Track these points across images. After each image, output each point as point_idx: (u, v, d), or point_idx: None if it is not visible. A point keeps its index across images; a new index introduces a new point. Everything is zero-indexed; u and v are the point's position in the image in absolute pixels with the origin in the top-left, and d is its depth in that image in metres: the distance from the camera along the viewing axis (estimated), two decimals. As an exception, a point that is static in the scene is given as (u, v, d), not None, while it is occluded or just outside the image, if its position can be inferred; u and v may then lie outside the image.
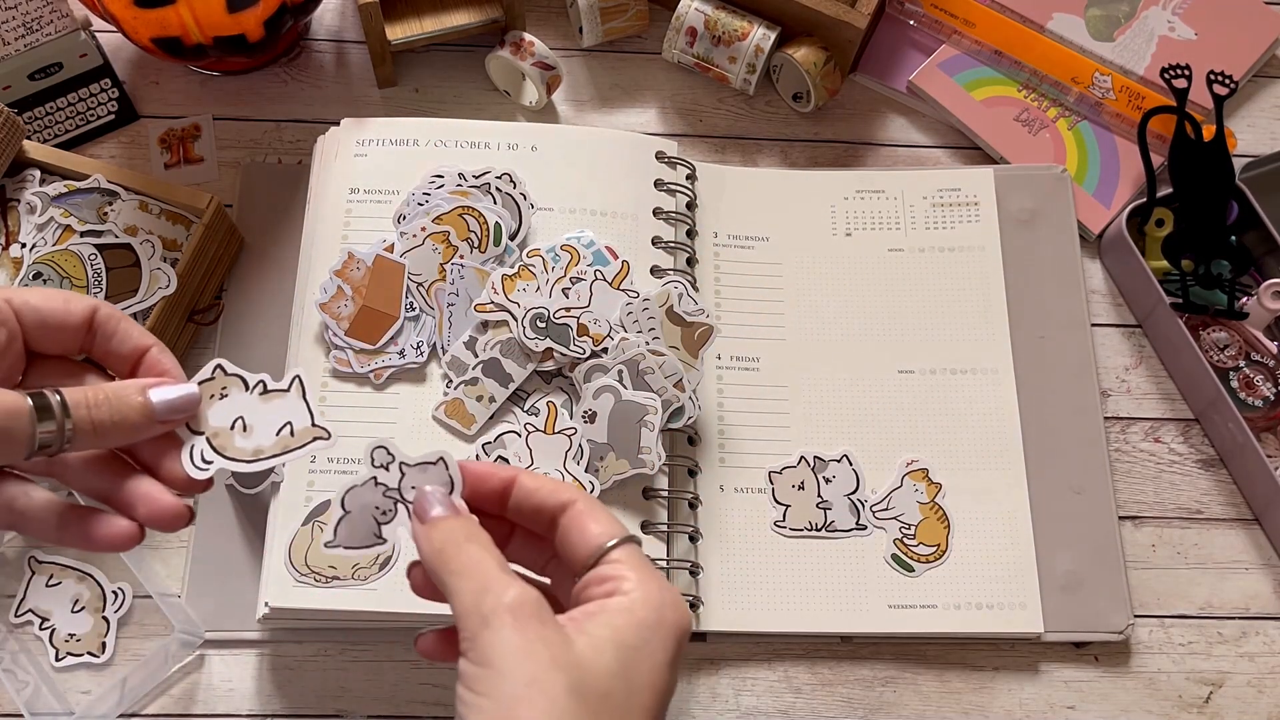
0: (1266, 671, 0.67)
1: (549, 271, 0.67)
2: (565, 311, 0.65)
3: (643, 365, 0.64)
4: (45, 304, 0.41)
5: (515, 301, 0.66)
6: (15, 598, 0.64)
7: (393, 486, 0.42)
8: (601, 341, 0.65)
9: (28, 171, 0.70)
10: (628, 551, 0.39)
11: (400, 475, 0.42)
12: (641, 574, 0.39)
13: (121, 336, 0.42)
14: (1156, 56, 0.81)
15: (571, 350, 0.65)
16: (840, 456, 0.68)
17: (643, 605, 0.38)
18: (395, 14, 0.77)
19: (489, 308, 0.66)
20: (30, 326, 0.41)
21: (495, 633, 0.36)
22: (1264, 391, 0.71)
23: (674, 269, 0.70)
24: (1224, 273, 0.73)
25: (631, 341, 0.65)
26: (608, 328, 0.65)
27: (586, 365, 0.64)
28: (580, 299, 0.66)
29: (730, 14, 0.77)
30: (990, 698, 0.65)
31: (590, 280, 0.66)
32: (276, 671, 0.64)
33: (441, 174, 0.70)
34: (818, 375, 0.71)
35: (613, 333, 0.65)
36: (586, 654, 0.36)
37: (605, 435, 0.63)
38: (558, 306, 0.65)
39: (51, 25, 0.74)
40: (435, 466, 0.42)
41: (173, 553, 0.66)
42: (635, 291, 0.66)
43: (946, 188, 0.76)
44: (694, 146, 0.79)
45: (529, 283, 0.66)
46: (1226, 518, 0.71)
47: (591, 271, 0.66)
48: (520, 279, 0.66)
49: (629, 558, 0.39)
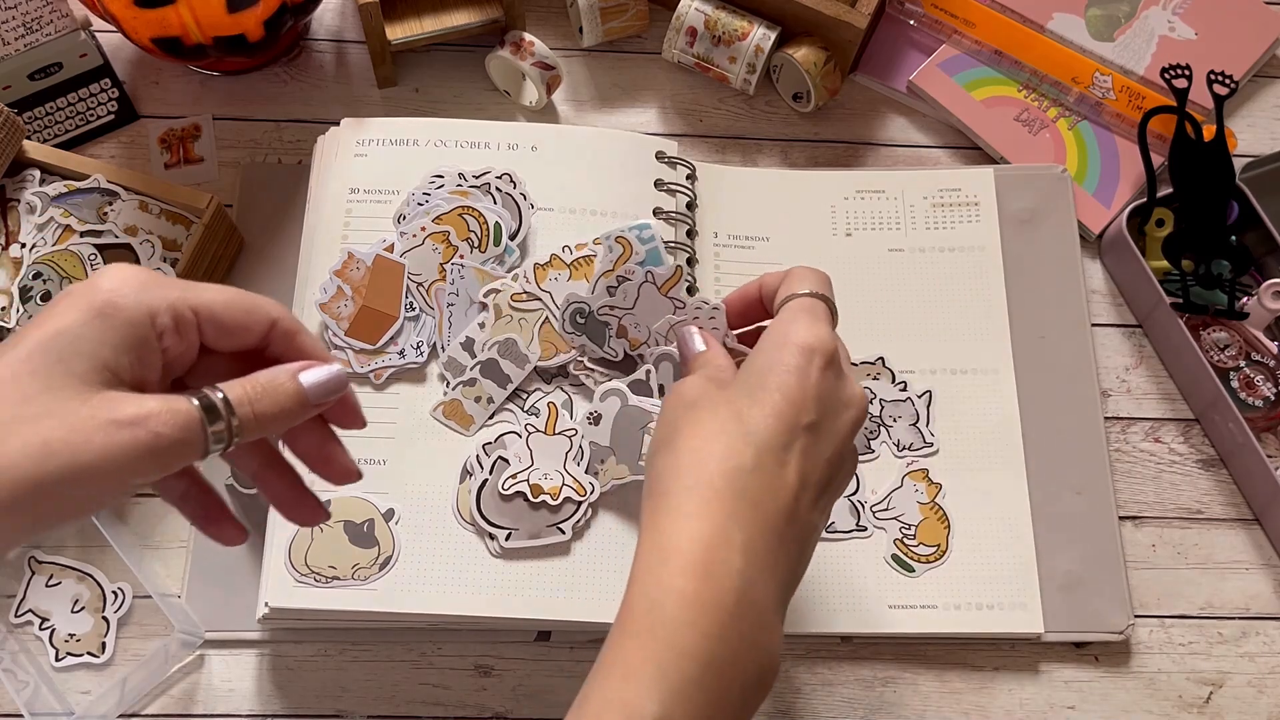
0: (1267, 671, 0.67)
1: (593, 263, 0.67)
2: (609, 310, 0.64)
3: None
4: (227, 314, 0.42)
5: (547, 290, 0.66)
6: (15, 598, 0.64)
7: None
8: (638, 348, 0.64)
9: (28, 171, 0.70)
10: (793, 303, 0.51)
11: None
12: (789, 316, 0.50)
13: (294, 352, 0.44)
14: (1157, 56, 0.81)
15: (605, 351, 0.64)
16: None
17: (768, 335, 0.50)
18: (395, 14, 0.77)
19: (522, 298, 0.66)
20: (208, 337, 0.42)
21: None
22: (1264, 391, 0.71)
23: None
24: (1224, 273, 0.73)
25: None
26: (647, 334, 0.64)
27: (657, 352, 0.63)
28: (626, 300, 0.63)
29: (730, 14, 0.77)
30: (990, 698, 0.65)
31: (639, 281, 0.63)
32: (276, 672, 0.64)
33: (441, 174, 0.70)
34: (818, 375, 0.71)
35: (651, 339, 0.64)
36: (734, 386, 0.49)
37: (608, 439, 0.63)
38: (601, 304, 0.64)
39: (51, 25, 0.74)
40: (717, 310, 0.57)
41: (173, 553, 0.66)
42: (682, 301, 0.62)
43: (946, 188, 0.76)
44: (694, 146, 0.79)
45: (560, 272, 0.67)
46: (1227, 518, 0.71)
47: (642, 272, 0.63)
48: (552, 268, 0.67)
49: (790, 306, 0.51)
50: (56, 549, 0.65)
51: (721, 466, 0.45)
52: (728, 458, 0.45)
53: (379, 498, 0.63)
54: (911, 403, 0.70)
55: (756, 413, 0.46)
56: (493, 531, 0.62)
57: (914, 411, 0.70)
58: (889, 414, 0.70)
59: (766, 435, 0.46)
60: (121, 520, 0.66)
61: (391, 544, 0.62)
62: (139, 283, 0.40)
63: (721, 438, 0.46)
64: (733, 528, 0.44)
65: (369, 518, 0.62)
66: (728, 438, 0.46)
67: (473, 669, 0.64)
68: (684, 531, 0.44)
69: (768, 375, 0.47)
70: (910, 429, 0.69)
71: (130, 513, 0.67)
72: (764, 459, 0.45)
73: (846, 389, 0.49)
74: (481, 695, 0.64)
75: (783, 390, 0.47)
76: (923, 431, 0.69)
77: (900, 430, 0.69)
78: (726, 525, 0.44)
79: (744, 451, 0.45)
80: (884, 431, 0.69)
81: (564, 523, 0.62)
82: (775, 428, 0.46)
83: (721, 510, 0.44)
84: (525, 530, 0.62)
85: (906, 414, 0.70)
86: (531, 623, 0.62)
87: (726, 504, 0.44)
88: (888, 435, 0.69)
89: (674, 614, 0.42)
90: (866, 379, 0.70)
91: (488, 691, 0.64)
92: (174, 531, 0.66)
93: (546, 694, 0.64)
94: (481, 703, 0.64)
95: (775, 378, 0.47)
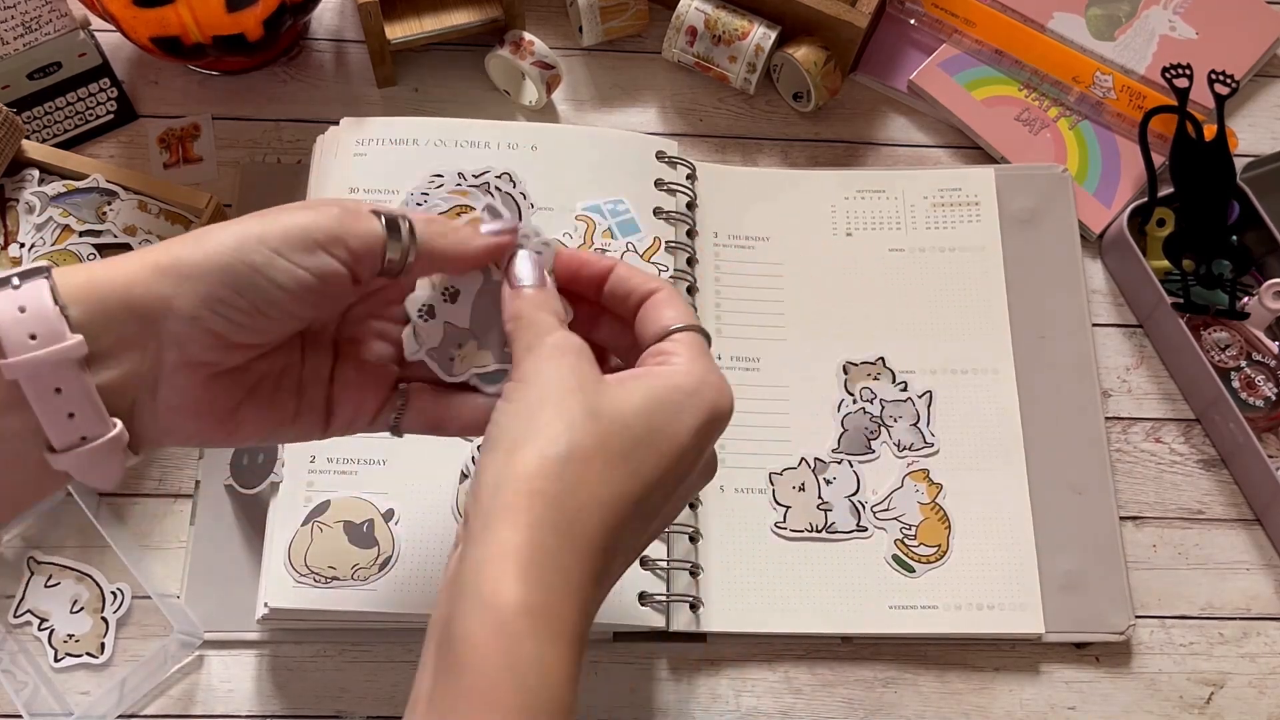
0: (1267, 672, 0.67)
1: (571, 240, 0.67)
2: None
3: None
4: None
5: None
6: (14, 598, 0.64)
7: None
8: None
9: (26, 171, 0.70)
10: (690, 336, 0.43)
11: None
12: (694, 355, 0.42)
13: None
14: (1157, 56, 0.81)
15: None
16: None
17: (684, 375, 0.41)
18: (395, 13, 0.77)
19: None
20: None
21: (534, 357, 0.41)
22: (1265, 392, 0.71)
23: (674, 269, 0.70)
24: (1225, 273, 0.73)
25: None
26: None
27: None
28: None
29: (730, 13, 0.77)
30: (991, 698, 0.65)
31: (621, 251, 0.66)
32: (276, 672, 0.64)
33: (441, 173, 0.69)
34: (818, 375, 0.71)
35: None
36: (614, 390, 0.40)
37: (467, 320, 0.51)
38: None
39: (50, 25, 0.74)
40: (547, 246, 0.47)
41: (172, 553, 0.66)
42: (666, 265, 0.66)
43: (947, 187, 0.76)
44: (694, 146, 0.79)
45: None
46: (1227, 518, 0.71)
47: (624, 243, 0.66)
48: None
49: (689, 341, 0.43)
50: (56, 549, 0.65)
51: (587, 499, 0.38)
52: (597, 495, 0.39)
53: (379, 498, 0.63)
54: (912, 403, 0.70)
55: (647, 470, 0.40)
56: (492, 532, 0.62)
57: (914, 411, 0.69)
58: (889, 414, 0.69)
59: (639, 490, 0.40)
60: (121, 520, 0.66)
61: (391, 544, 0.62)
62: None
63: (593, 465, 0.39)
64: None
65: (369, 518, 0.62)
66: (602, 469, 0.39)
67: (472, 669, 0.64)
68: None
69: (666, 431, 0.40)
70: (910, 429, 0.69)
71: (130, 513, 0.67)
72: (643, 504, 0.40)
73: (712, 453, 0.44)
74: (481, 696, 0.64)
75: (674, 458, 0.40)
76: (923, 431, 0.69)
77: (900, 430, 0.69)
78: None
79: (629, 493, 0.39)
80: (884, 431, 0.69)
81: (564, 523, 0.62)
82: (651, 483, 0.40)
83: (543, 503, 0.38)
84: (525, 530, 0.62)
85: (907, 414, 0.69)
86: (531, 623, 0.62)
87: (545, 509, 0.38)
88: (888, 435, 0.69)
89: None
90: (867, 379, 0.70)
91: (487, 692, 0.64)
92: (173, 531, 0.66)
93: (546, 694, 0.64)
94: (481, 703, 0.64)
95: (675, 441, 0.40)
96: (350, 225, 0.41)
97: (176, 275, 0.39)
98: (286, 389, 0.45)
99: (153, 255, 0.39)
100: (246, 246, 0.39)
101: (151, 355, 0.39)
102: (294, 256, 0.40)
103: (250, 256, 0.39)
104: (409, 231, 0.43)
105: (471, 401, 0.47)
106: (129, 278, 0.38)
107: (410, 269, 0.44)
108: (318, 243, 0.41)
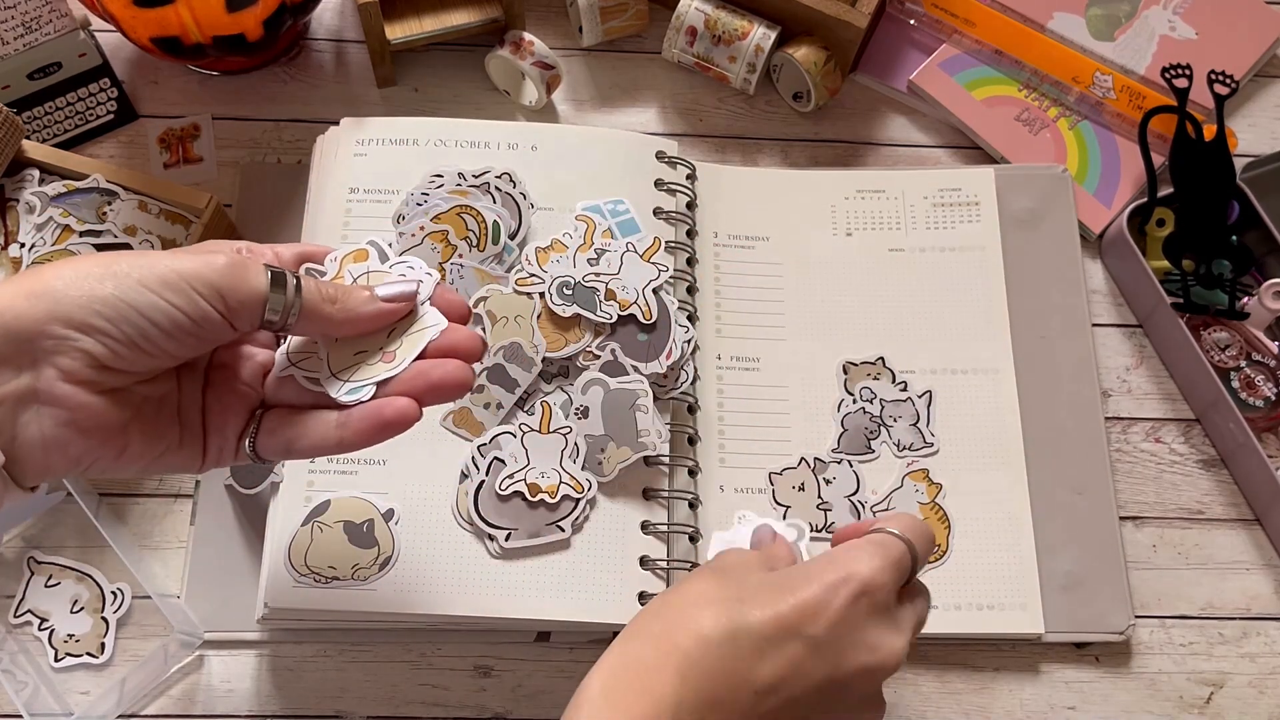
0: (1267, 672, 0.67)
1: (572, 239, 0.68)
2: (594, 276, 0.66)
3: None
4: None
5: (547, 272, 0.67)
6: (14, 598, 0.64)
7: None
8: (628, 308, 0.65)
9: (27, 171, 0.70)
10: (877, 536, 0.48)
11: None
12: (864, 543, 0.47)
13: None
14: (1157, 56, 0.81)
15: (599, 315, 0.65)
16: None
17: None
18: (395, 14, 0.77)
19: (528, 281, 0.66)
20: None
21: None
22: (1265, 392, 0.71)
23: (674, 269, 0.70)
24: (1225, 273, 0.73)
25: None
26: (635, 295, 0.66)
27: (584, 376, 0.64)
28: (610, 266, 0.67)
29: (730, 13, 0.77)
30: (991, 698, 0.65)
31: (621, 251, 0.67)
32: (276, 672, 0.64)
33: (441, 174, 0.70)
34: (818, 375, 0.71)
35: (640, 300, 0.65)
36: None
37: (601, 428, 0.63)
38: (585, 272, 0.66)
39: (50, 25, 0.74)
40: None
41: (172, 553, 0.66)
42: (666, 265, 0.67)
43: (947, 188, 0.76)
44: (694, 146, 0.79)
45: (562, 254, 0.67)
46: (1227, 518, 0.71)
47: (624, 243, 0.67)
48: (554, 251, 0.67)
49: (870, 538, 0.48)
50: (56, 549, 0.65)
51: (692, 629, 0.44)
52: (703, 624, 0.44)
53: (379, 498, 0.63)
54: (912, 403, 0.70)
55: (762, 599, 0.45)
56: (492, 532, 0.62)
57: (914, 411, 0.69)
58: (889, 414, 0.69)
59: (755, 622, 0.44)
60: (121, 520, 0.66)
61: (391, 544, 0.62)
62: None
63: (712, 606, 0.45)
64: (676, 692, 0.42)
65: (368, 518, 0.62)
66: (717, 607, 0.44)
67: (472, 669, 0.64)
68: (634, 686, 0.42)
69: (796, 578, 0.46)
70: (910, 429, 0.69)
71: (130, 513, 0.67)
72: (739, 641, 0.44)
73: (878, 633, 0.46)
74: (481, 696, 0.64)
75: (799, 595, 0.45)
76: (923, 431, 0.69)
77: (900, 430, 0.69)
78: (673, 688, 0.42)
79: (722, 624, 0.44)
80: (884, 431, 0.69)
81: (563, 520, 0.62)
82: (768, 620, 0.44)
83: (674, 673, 0.42)
84: (525, 529, 0.62)
85: (907, 414, 0.69)
86: (531, 623, 0.62)
87: (681, 667, 0.43)
88: (888, 435, 0.69)
89: None
90: (867, 379, 0.70)
91: (487, 692, 0.64)
92: (173, 531, 0.66)
93: (546, 694, 0.64)
94: (481, 703, 0.64)
95: (802, 584, 0.45)
96: (233, 279, 0.43)
97: (51, 300, 0.40)
98: (167, 415, 0.45)
99: (26, 283, 0.40)
100: (123, 285, 0.41)
101: (28, 372, 0.40)
102: (170, 298, 0.41)
103: (127, 294, 0.41)
104: (295, 290, 0.44)
105: (321, 420, 0.47)
106: (2, 302, 0.39)
107: (292, 328, 0.45)
108: (196, 291, 0.42)
